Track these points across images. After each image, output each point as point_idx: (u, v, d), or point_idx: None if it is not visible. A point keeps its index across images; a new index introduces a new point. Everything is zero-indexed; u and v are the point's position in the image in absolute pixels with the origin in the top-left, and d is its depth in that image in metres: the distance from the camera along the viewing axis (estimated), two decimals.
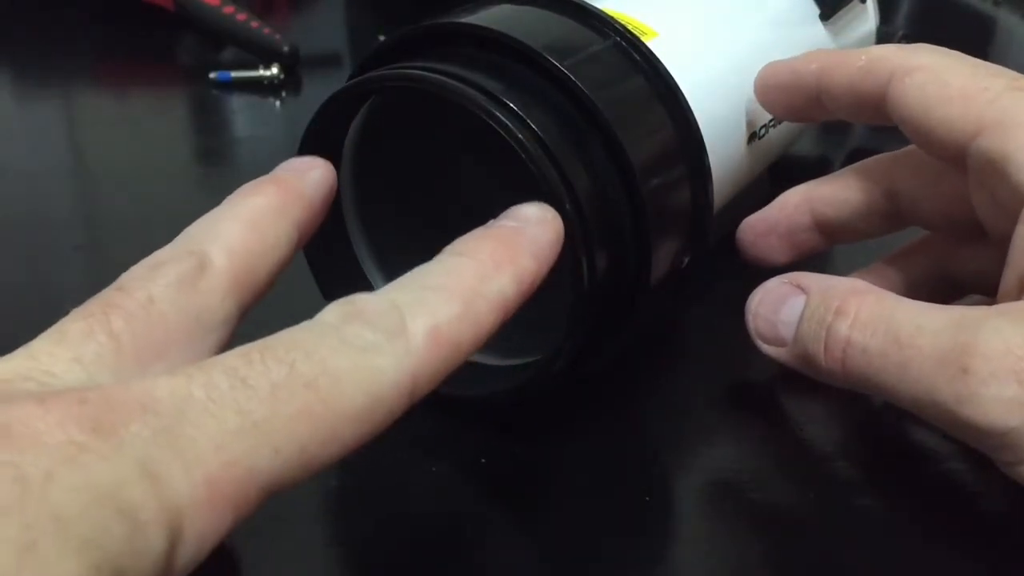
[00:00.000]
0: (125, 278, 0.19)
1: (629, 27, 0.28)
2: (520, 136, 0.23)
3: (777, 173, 0.38)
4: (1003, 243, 0.24)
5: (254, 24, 0.52)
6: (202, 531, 0.15)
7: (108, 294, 0.19)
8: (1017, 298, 0.23)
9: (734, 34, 0.33)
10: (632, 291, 0.26)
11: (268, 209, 0.21)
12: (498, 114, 0.23)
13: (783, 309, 0.26)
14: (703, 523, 0.27)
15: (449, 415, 0.29)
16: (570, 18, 0.27)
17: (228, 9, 0.53)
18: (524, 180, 0.23)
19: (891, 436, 0.29)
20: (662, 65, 0.27)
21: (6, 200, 0.41)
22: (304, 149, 0.27)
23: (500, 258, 0.20)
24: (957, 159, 0.25)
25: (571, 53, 0.26)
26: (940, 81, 0.25)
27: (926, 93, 0.25)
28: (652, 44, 0.28)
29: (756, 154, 0.33)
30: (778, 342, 0.26)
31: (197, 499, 0.15)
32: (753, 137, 0.32)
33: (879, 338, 0.23)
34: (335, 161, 0.28)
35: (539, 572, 0.25)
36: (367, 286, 0.30)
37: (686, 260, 0.28)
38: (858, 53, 0.28)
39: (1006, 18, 0.61)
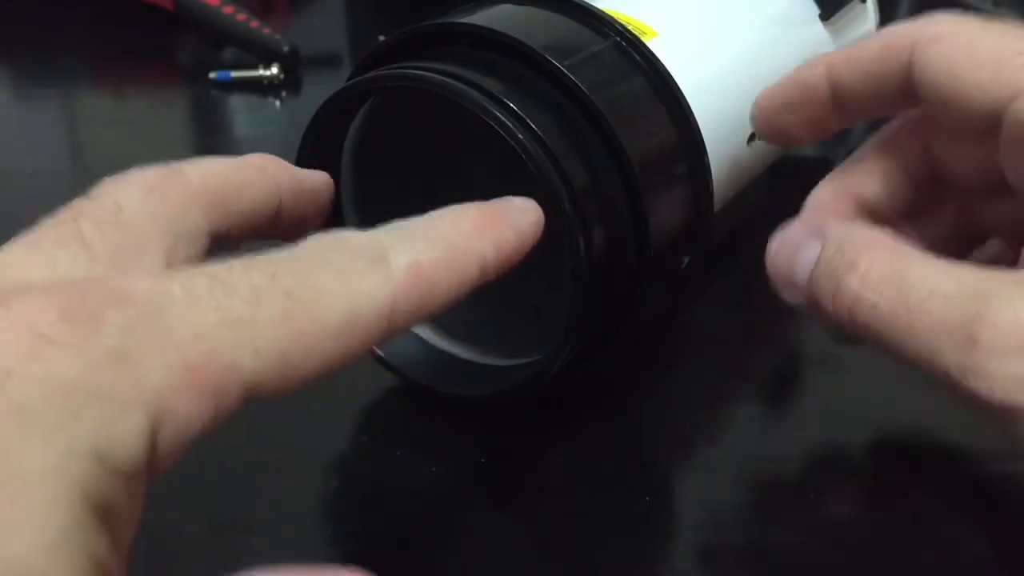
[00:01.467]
0: (96, 188, 0.20)
1: (629, 27, 0.28)
2: (520, 136, 0.23)
3: (777, 173, 0.38)
4: None
5: (254, 24, 0.52)
6: (184, 416, 0.15)
7: (78, 202, 0.19)
8: None
9: (734, 34, 0.33)
10: (632, 291, 0.26)
11: (253, 162, 0.22)
12: (498, 114, 0.23)
13: (800, 254, 0.25)
14: (703, 523, 0.27)
15: (449, 415, 0.29)
16: (570, 18, 0.27)
17: (228, 9, 0.53)
18: (524, 179, 0.23)
19: (894, 436, 0.29)
20: (662, 65, 0.27)
21: (6, 200, 0.41)
22: (304, 149, 0.27)
23: (482, 224, 0.21)
24: (991, 125, 0.24)
25: (571, 53, 0.26)
26: (969, 47, 0.24)
27: (955, 60, 0.24)
28: (652, 44, 0.28)
29: (756, 154, 0.33)
30: (793, 287, 0.26)
31: (176, 383, 0.15)
32: (753, 137, 0.32)
33: (888, 298, 0.22)
34: (335, 161, 0.29)
35: (539, 572, 0.25)
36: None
37: (686, 260, 0.28)
38: (867, 41, 0.27)
39: (1006, 18, 0.61)
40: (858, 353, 0.26)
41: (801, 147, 0.28)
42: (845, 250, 0.24)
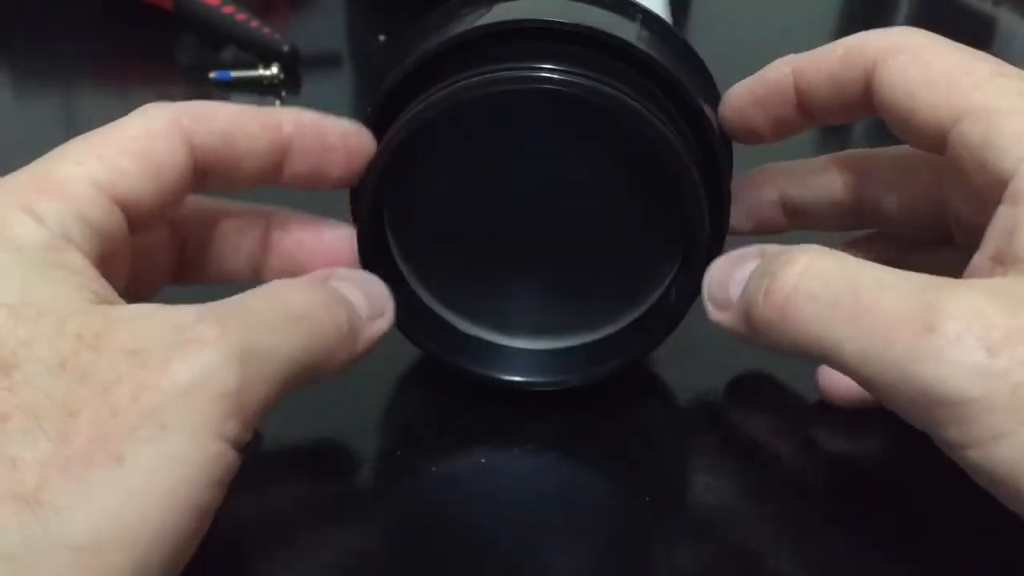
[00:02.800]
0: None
1: None
2: (679, 151, 0.25)
3: None
4: (970, 237, 0.24)
5: (254, 24, 0.52)
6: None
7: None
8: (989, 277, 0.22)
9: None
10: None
11: (257, 113, 0.26)
12: (656, 121, 0.25)
13: (737, 270, 0.25)
14: (703, 524, 0.27)
15: (448, 415, 0.29)
16: (601, 6, 0.28)
17: (228, 9, 0.53)
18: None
19: (897, 441, 0.29)
20: (682, 36, 0.28)
21: None
22: (382, 159, 0.26)
23: None
24: (937, 147, 0.24)
25: (643, 41, 0.26)
26: (923, 63, 0.24)
27: (909, 76, 0.24)
28: None
29: None
30: (727, 304, 0.25)
31: None
32: None
33: (832, 288, 0.22)
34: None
35: (538, 572, 0.25)
36: (395, 270, 0.29)
37: None
38: (833, 45, 0.27)
39: (1006, 18, 0.61)
40: None
41: (763, 143, 0.29)
42: (786, 255, 0.23)
